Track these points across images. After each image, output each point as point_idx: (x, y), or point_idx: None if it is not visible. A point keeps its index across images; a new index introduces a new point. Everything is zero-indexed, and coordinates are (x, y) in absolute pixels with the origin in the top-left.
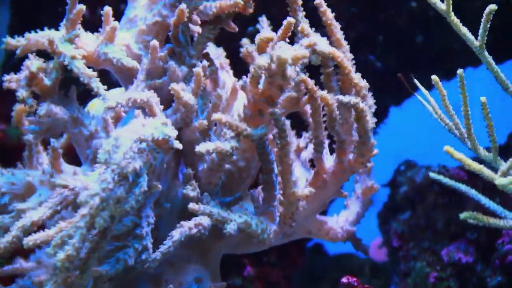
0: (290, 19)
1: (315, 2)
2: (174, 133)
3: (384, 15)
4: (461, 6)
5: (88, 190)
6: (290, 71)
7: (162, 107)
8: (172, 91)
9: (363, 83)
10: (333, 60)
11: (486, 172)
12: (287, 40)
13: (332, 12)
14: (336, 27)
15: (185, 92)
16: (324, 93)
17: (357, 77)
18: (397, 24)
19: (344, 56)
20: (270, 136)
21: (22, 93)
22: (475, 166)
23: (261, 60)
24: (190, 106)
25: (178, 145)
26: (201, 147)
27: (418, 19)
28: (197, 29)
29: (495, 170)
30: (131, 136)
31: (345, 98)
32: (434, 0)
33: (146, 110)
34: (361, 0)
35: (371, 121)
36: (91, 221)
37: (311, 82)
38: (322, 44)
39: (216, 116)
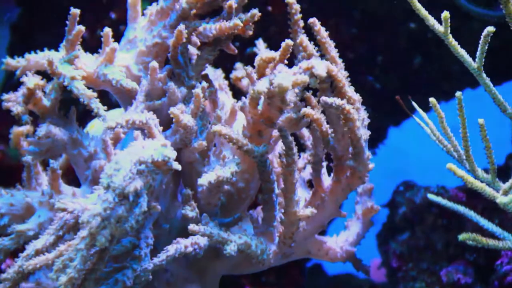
0: (288, 41)
1: (309, 21)
2: (173, 154)
3: (383, 37)
4: (459, 29)
5: (89, 210)
6: (290, 95)
7: (161, 128)
8: (171, 114)
9: (356, 97)
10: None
11: (488, 190)
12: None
13: (331, 33)
14: (330, 45)
15: (184, 115)
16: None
17: (350, 91)
18: (396, 46)
19: (338, 71)
20: (270, 156)
21: (17, 108)
22: (477, 184)
23: (261, 86)
24: (189, 128)
25: (177, 166)
26: (203, 180)
27: (417, 40)
28: (195, 52)
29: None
30: (131, 158)
31: (329, 99)
32: (432, 22)
33: (145, 131)
34: (360, 21)
35: (364, 132)
36: (91, 242)
37: (314, 100)
38: (320, 68)
39: (216, 127)
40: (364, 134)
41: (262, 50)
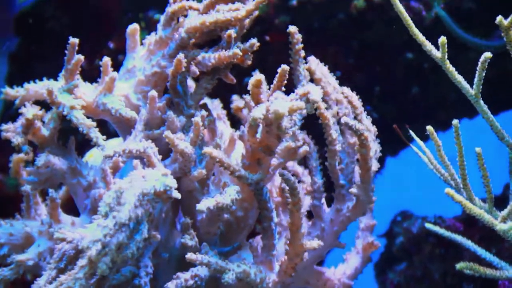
0: (284, 67)
1: (308, 60)
2: (174, 183)
3: (380, 67)
4: (455, 58)
5: (89, 237)
6: (286, 122)
7: (160, 157)
8: (166, 139)
9: (372, 128)
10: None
11: (486, 217)
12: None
13: (329, 62)
14: (329, 83)
15: (180, 141)
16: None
17: (367, 121)
18: (393, 75)
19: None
20: (269, 186)
21: (17, 139)
22: (475, 210)
23: (257, 113)
24: (187, 155)
25: (176, 194)
26: (201, 205)
27: (414, 70)
28: (193, 84)
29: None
30: (135, 192)
31: (351, 121)
32: (429, 48)
33: (145, 160)
34: (358, 51)
35: (374, 164)
36: (90, 271)
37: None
38: (316, 93)
39: (207, 149)
40: (374, 165)
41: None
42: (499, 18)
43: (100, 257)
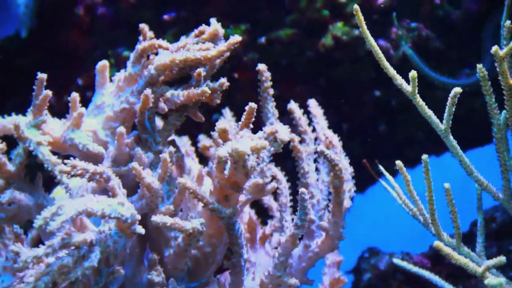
0: (252, 104)
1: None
2: (128, 213)
3: (348, 104)
4: (423, 97)
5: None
6: (252, 160)
7: (125, 191)
8: (133, 170)
9: (350, 168)
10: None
11: (471, 265)
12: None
13: (297, 100)
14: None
15: (147, 174)
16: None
17: (345, 162)
18: (361, 113)
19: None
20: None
21: None
22: (462, 260)
23: (222, 152)
24: (153, 189)
25: (140, 230)
26: (156, 218)
27: (382, 108)
28: (160, 123)
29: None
30: (76, 207)
31: (326, 150)
32: (400, 82)
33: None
34: (325, 89)
35: (347, 202)
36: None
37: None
38: (284, 133)
39: (181, 180)
40: (346, 203)
41: (228, 117)
42: (494, 48)
43: (42, 275)
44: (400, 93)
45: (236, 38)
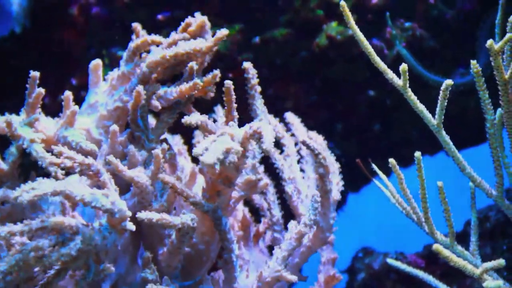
0: (227, 82)
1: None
2: (109, 204)
3: (343, 104)
4: (417, 96)
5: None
6: (231, 157)
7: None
8: (110, 163)
9: (336, 165)
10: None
11: (469, 268)
12: None
13: (292, 100)
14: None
15: (133, 171)
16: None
17: (331, 159)
18: (355, 112)
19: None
20: (231, 220)
21: None
22: (460, 262)
23: (197, 150)
24: (139, 184)
25: (131, 226)
26: (142, 214)
27: (376, 107)
28: (154, 121)
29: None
30: (55, 186)
31: (309, 140)
32: (391, 76)
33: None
34: (320, 88)
35: (335, 193)
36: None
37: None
38: (267, 132)
39: (160, 175)
40: (335, 194)
41: (220, 116)
42: (489, 41)
43: (13, 253)
44: (395, 92)
45: (223, 32)
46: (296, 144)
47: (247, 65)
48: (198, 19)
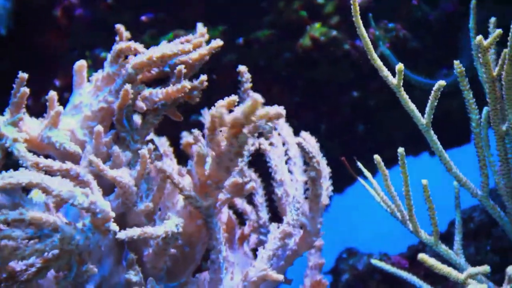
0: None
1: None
2: (86, 202)
3: (326, 105)
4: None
5: None
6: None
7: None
8: (93, 164)
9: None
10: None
11: (454, 274)
12: None
13: (275, 101)
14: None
15: (114, 170)
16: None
17: (322, 162)
18: (339, 113)
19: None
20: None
21: None
22: (445, 269)
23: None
24: (122, 183)
25: (115, 227)
26: (121, 234)
27: (360, 108)
28: (139, 120)
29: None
30: (31, 177)
31: (303, 142)
32: (386, 74)
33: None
34: (304, 89)
35: (324, 198)
36: None
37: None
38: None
39: (157, 163)
40: (324, 199)
41: (207, 118)
42: (479, 37)
43: None
44: (378, 93)
45: (218, 42)
46: (283, 144)
47: (242, 68)
48: (197, 38)
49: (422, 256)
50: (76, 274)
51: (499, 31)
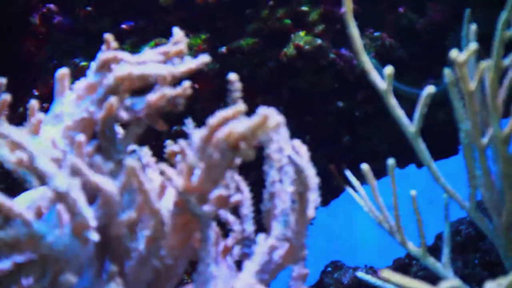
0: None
1: None
2: (65, 185)
3: (311, 115)
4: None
5: None
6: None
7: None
8: (73, 166)
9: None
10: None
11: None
12: None
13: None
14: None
15: (99, 176)
16: None
17: (311, 173)
18: (324, 124)
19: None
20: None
21: None
22: (415, 284)
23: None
24: (105, 191)
25: (95, 236)
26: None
27: (345, 119)
28: (121, 130)
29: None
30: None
31: (295, 155)
32: (374, 78)
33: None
34: (288, 99)
35: (311, 212)
36: None
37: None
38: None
39: (161, 166)
40: (310, 213)
41: (190, 128)
42: (454, 52)
43: None
44: (364, 104)
45: (204, 59)
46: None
47: (233, 77)
48: (177, 46)
49: (385, 272)
50: (52, 283)
51: (474, 46)
